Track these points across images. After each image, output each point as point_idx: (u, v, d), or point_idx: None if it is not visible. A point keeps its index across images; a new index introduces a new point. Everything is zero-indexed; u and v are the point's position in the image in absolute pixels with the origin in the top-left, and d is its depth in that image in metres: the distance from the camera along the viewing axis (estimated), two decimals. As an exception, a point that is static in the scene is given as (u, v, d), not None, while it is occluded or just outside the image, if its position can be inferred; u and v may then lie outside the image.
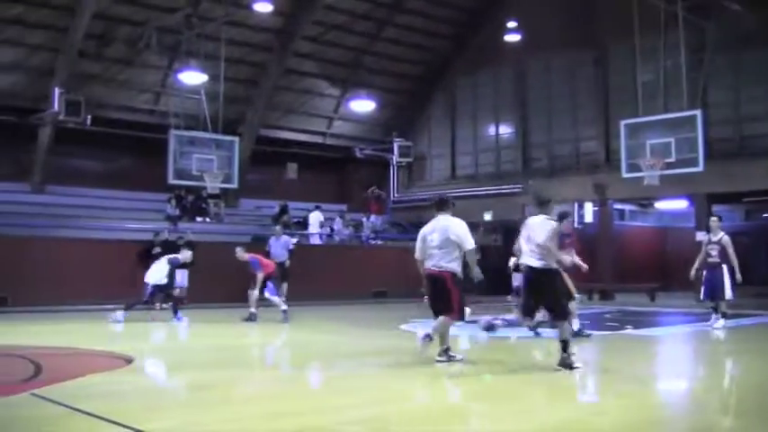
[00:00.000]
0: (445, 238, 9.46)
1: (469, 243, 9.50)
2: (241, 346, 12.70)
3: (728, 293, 14.65)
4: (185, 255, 17.29)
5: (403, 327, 15.07)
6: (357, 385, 8.49)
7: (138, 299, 16.56)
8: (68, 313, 17.74)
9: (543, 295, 9.24)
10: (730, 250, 14.50)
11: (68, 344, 11.52)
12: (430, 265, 9.54)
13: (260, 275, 16.65)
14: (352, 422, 6.31)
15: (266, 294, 16.82)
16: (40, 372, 8.58)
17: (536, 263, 9.07)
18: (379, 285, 24.93)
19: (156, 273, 16.63)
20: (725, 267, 14.63)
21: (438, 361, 9.34)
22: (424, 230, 9.72)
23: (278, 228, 21.13)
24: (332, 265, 24.15)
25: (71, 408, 6.39)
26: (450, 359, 9.44)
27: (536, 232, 9.13)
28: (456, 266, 9.50)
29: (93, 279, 19.86)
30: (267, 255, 21.72)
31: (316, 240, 26.74)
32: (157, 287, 16.53)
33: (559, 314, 9.10)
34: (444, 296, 9.46)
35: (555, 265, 9.23)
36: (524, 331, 12.48)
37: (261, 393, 7.74)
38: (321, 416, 6.52)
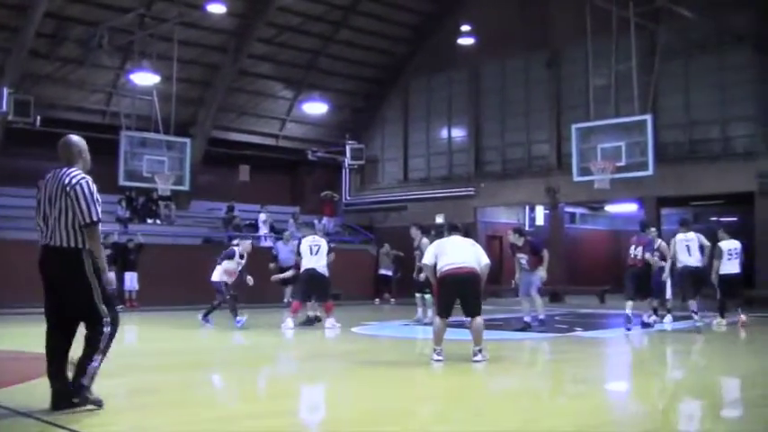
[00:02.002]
0: (473, 251, 9.90)
1: (487, 259, 10.00)
2: (193, 350, 12.57)
3: (668, 294, 16.70)
4: (246, 244, 15.89)
5: (354, 329, 15.09)
6: (313, 388, 8.46)
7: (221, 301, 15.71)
8: (14, 316, 17.41)
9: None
10: (668, 254, 15.54)
11: (13, 347, 11.32)
12: (459, 263, 9.69)
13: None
14: (307, 425, 6.27)
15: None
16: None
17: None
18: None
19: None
20: (665, 270, 15.84)
21: (475, 361, 9.48)
22: (439, 243, 10.13)
23: (287, 233, 20.76)
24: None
25: (15, 411, 6.34)
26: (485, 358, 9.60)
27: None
28: None
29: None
30: (275, 258, 21.73)
31: (265, 243, 26.39)
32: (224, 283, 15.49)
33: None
34: (477, 295, 9.79)
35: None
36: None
37: (216, 396, 7.67)
38: (279, 419, 6.47)
